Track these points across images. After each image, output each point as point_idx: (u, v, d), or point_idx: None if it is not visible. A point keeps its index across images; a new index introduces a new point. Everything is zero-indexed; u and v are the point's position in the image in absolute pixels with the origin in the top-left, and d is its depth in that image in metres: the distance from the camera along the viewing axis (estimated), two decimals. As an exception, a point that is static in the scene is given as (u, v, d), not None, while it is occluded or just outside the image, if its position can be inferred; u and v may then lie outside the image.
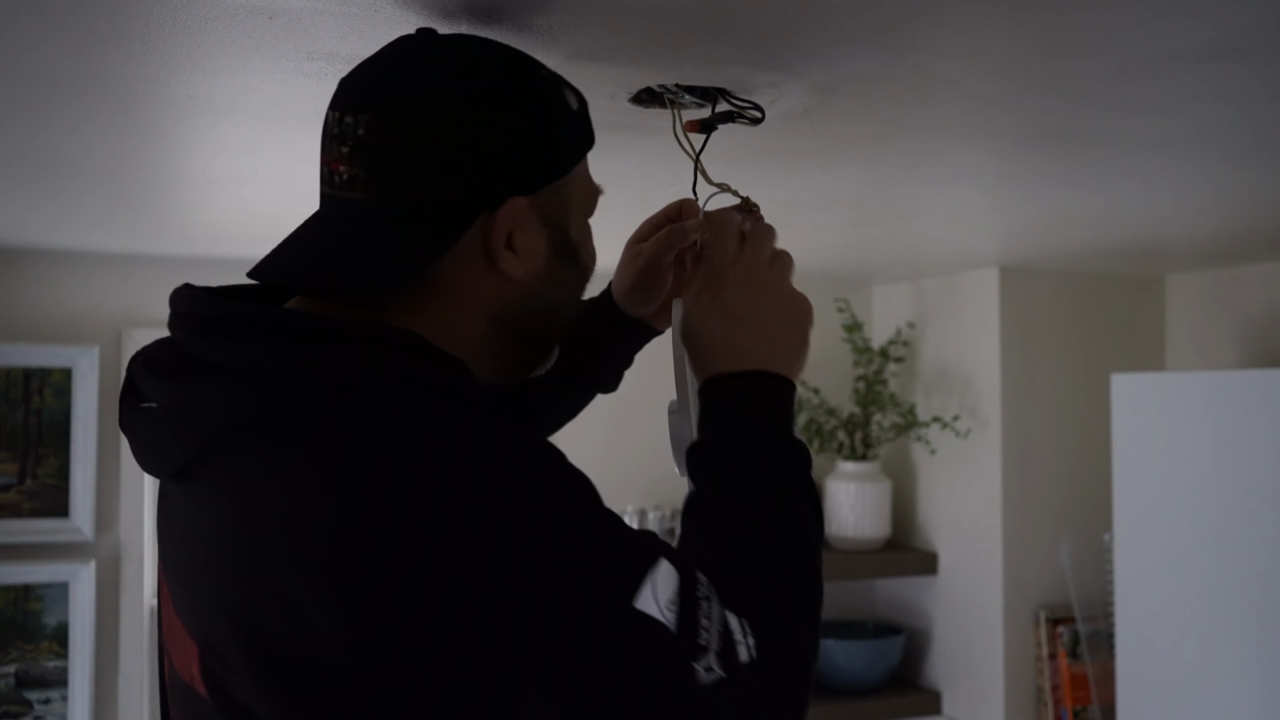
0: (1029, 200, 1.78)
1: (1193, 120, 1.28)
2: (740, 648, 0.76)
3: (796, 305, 0.98)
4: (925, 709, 2.72)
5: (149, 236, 2.19)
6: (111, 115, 1.26)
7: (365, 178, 0.83)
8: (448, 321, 0.86)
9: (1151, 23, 0.96)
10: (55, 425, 2.36)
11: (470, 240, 0.85)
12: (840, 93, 1.15)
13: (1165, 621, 2.14)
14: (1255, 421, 1.99)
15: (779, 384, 0.93)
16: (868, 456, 2.77)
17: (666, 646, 0.74)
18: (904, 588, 2.87)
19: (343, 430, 0.76)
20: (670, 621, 0.74)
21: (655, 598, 0.74)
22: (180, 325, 0.85)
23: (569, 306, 0.97)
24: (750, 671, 0.76)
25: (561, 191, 0.90)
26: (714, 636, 0.75)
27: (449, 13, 0.92)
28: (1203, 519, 2.07)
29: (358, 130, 0.83)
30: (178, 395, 0.81)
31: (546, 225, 0.89)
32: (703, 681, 0.74)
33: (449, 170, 0.83)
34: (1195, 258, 2.48)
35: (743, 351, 0.93)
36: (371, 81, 0.85)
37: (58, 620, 2.36)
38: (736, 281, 0.96)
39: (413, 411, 0.77)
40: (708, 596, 0.77)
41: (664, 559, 0.77)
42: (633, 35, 0.97)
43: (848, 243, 2.27)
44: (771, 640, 0.78)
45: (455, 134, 0.82)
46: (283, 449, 0.77)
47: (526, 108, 0.85)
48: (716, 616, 0.76)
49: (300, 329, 0.80)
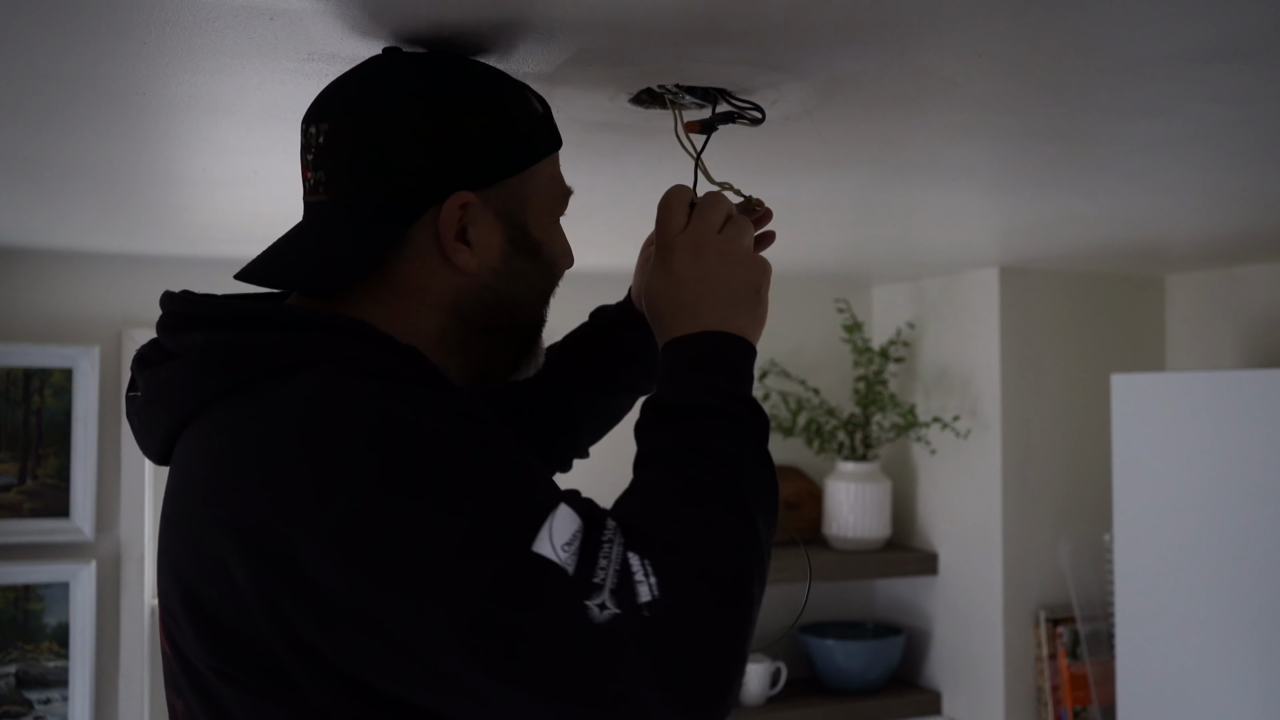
0: (1029, 200, 1.78)
1: (1193, 121, 1.28)
2: (641, 586, 0.78)
3: (746, 264, 0.99)
4: (925, 709, 2.72)
5: (149, 237, 2.19)
6: (112, 116, 1.26)
7: (327, 181, 0.92)
8: (408, 312, 0.93)
9: (1151, 23, 0.96)
10: (55, 425, 2.36)
11: (423, 234, 0.92)
12: (840, 93, 1.15)
13: (1165, 621, 2.14)
14: (1255, 421, 1.99)
15: (730, 341, 0.95)
16: (868, 457, 2.77)
17: (559, 586, 0.76)
18: (904, 588, 2.87)
19: (269, 405, 0.83)
20: (567, 563, 0.77)
21: (551, 541, 0.78)
22: (160, 322, 0.93)
23: (531, 301, 1.00)
24: (652, 610, 0.77)
25: (519, 188, 0.95)
26: (610, 575, 0.78)
27: (447, 12, 0.92)
28: (1203, 519, 2.07)
29: (319, 139, 0.92)
30: (152, 383, 0.91)
31: (502, 220, 0.94)
32: (596, 619, 0.76)
33: (393, 167, 0.90)
34: (1195, 258, 2.48)
35: (693, 314, 0.96)
36: (332, 95, 0.94)
37: (58, 620, 2.36)
38: (683, 248, 0.99)
39: (332, 386, 0.83)
40: (611, 540, 0.80)
41: (563, 504, 0.80)
42: (633, 35, 0.97)
43: (848, 243, 2.27)
44: (676, 582, 0.79)
45: (399, 133, 0.90)
46: (221, 425, 0.85)
47: (471, 107, 0.92)
48: (616, 556, 0.79)
49: (249, 318, 0.88)
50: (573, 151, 1.40)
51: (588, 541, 0.79)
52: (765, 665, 2.64)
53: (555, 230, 1.01)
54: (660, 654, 0.77)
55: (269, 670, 0.82)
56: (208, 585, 0.83)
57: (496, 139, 0.93)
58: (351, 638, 0.78)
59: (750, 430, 0.91)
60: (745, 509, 0.86)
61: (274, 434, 0.82)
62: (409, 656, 0.77)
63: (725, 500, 0.86)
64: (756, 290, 0.99)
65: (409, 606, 0.76)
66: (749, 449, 0.90)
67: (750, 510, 0.86)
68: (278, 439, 0.82)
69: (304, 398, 0.83)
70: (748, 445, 0.90)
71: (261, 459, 0.81)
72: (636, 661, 0.76)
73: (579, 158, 1.44)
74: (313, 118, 0.94)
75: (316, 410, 0.82)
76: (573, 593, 0.77)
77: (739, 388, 0.94)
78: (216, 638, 0.83)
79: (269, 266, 0.93)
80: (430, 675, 0.78)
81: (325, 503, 0.78)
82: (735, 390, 0.93)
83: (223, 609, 0.83)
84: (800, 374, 2.88)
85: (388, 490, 0.78)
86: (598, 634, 0.76)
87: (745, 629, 0.81)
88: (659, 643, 0.77)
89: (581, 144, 1.36)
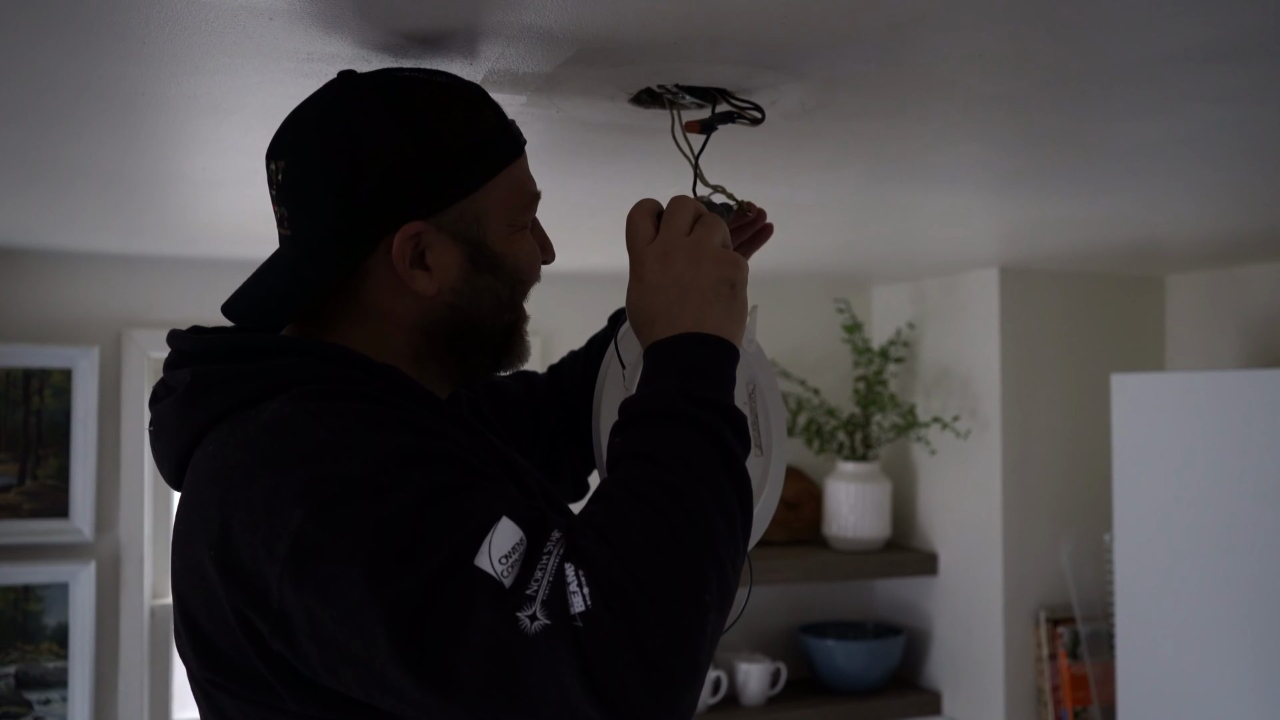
0: (1029, 201, 1.78)
1: (1193, 121, 1.28)
2: (574, 597, 0.78)
3: (717, 261, 0.98)
4: (925, 709, 2.72)
5: (149, 237, 2.19)
6: (112, 116, 1.26)
7: (289, 217, 0.96)
8: (382, 335, 0.98)
9: (1151, 23, 0.96)
10: (55, 426, 2.36)
11: (384, 263, 0.95)
12: (840, 93, 1.15)
13: (1165, 621, 2.14)
14: (1255, 421, 1.99)
15: (701, 341, 0.95)
16: (868, 457, 2.77)
17: (492, 598, 0.78)
18: (904, 588, 2.87)
19: (243, 432, 0.88)
20: (504, 576, 0.79)
21: (490, 555, 0.79)
22: (165, 361, 0.99)
23: (496, 311, 1.01)
24: (585, 620, 0.77)
25: (472, 208, 0.96)
26: (543, 586, 0.78)
27: (446, 12, 0.92)
28: (1203, 519, 2.07)
29: (279, 176, 0.96)
30: (158, 418, 0.97)
31: (459, 241, 0.96)
32: (527, 630, 0.77)
33: (341, 203, 0.93)
34: (1195, 258, 2.48)
35: (668, 319, 0.96)
36: (286, 131, 0.97)
37: (58, 621, 2.36)
38: (653, 257, 0.99)
39: (289, 412, 0.87)
40: (550, 551, 0.80)
41: (506, 518, 0.81)
42: (633, 36, 0.97)
43: (847, 243, 2.27)
44: (609, 592, 0.78)
45: (343, 171, 0.92)
46: (208, 453, 0.90)
47: (417, 139, 0.93)
48: (552, 568, 0.79)
49: (229, 350, 0.94)
50: (573, 151, 1.40)
51: (529, 554, 0.80)
52: (765, 665, 2.64)
53: (519, 237, 1.01)
54: (592, 664, 0.76)
55: (253, 680, 0.86)
56: (197, 601, 0.89)
57: (442, 167, 0.94)
58: (310, 651, 0.82)
59: (707, 432, 0.89)
60: (693, 514, 0.84)
61: (239, 458, 0.87)
62: (361, 668, 0.80)
63: (671, 507, 0.84)
64: (731, 286, 0.98)
65: (352, 621, 0.79)
66: (702, 452, 0.88)
67: (700, 515, 0.84)
68: (241, 463, 0.86)
69: (265, 425, 0.87)
70: (701, 448, 0.88)
71: (230, 484, 0.86)
72: (568, 672, 0.76)
73: (579, 158, 1.44)
74: (271, 154, 0.98)
75: (272, 436, 0.86)
76: (505, 605, 0.78)
77: (701, 389, 0.92)
78: (205, 650, 0.89)
79: (239, 303, 0.99)
80: (381, 687, 0.80)
81: (279, 525, 0.81)
82: (694, 392, 0.91)
83: (209, 623, 0.88)
84: (800, 374, 2.88)
85: (332, 508, 0.81)
86: (528, 644, 0.77)
87: (691, 638, 0.80)
88: (591, 652, 0.76)
89: (581, 144, 1.36)
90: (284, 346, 0.94)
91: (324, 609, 0.80)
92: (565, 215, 1.80)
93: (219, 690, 0.89)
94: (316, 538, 0.80)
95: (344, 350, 0.94)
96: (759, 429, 1.18)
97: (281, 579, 0.81)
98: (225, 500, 0.86)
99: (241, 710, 0.89)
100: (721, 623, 0.84)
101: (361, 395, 0.90)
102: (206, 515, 0.87)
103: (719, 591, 0.83)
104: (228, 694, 0.89)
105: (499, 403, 1.23)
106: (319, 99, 0.97)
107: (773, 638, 2.84)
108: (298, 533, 0.81)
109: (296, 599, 0.81)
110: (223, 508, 0.86)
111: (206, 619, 0.88)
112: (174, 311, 2.39)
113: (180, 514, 0.93)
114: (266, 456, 0.85)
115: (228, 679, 0.88)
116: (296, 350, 0.93)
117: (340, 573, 0.79)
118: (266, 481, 0.84)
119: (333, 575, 0.79)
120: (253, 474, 0.85)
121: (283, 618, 0.82)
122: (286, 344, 0.94)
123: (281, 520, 0.81)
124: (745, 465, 0.91)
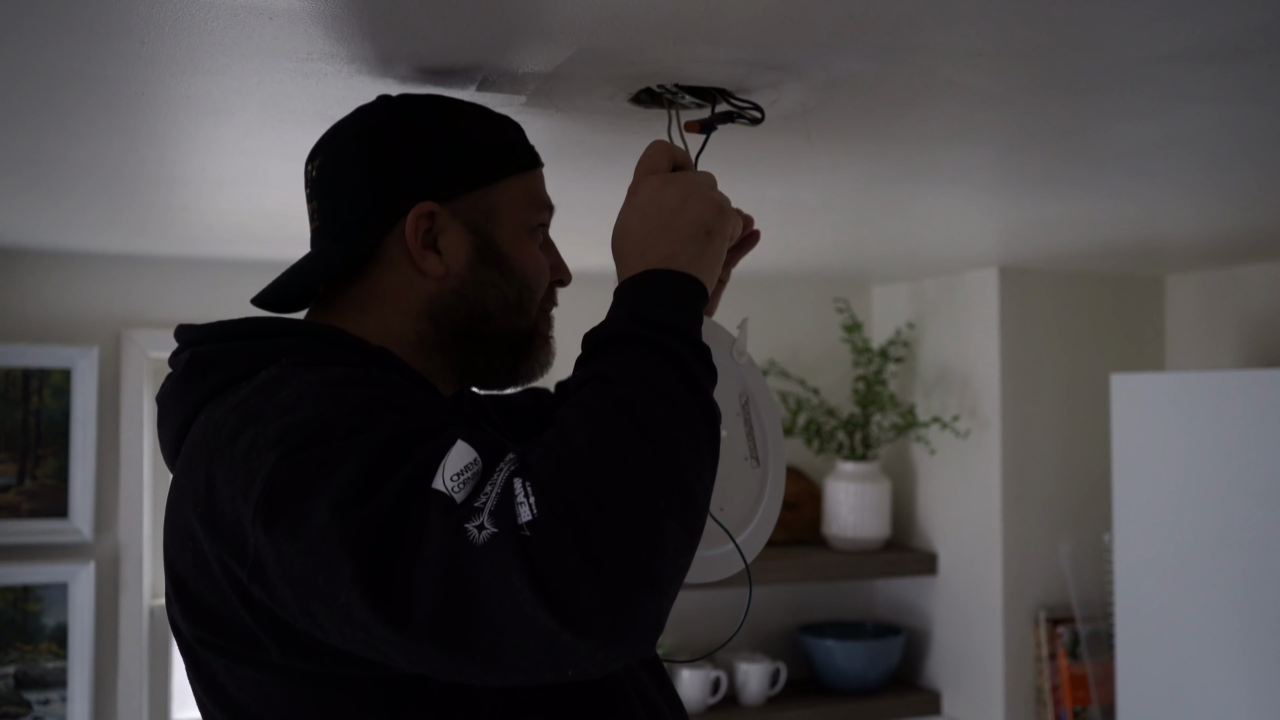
0: (1029, 201, 1.78)
1: (1193, 121, 1.28)
2: (521, 507, 0.79)
3: (704, 202, 1.01)
4: (925, 709, 2.72)
5: (149, 237, 2.19)
6: (112, 116, 1.26)
7: (318, 209, 1.04)
8: (387, 319, 1.02)
9: (1151, 23, 0.96)
10: (54, 426, 2.36)
11: (398, 246, 1.01)
12: (840, 93, 1.15)
13: (1165, 621, 2.14)
14: (1255, 421, 1.99)
15: (667, 276, 0.96)
16: (867, 457, 2.77)
17: (443, 513, 0.79)
18: (904, 588, 2.87)
19: (234, 398, 0.91)
20: (456, 491, 0.80)
21: (443, 475, 0.81)
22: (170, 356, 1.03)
23: (503, 311, 1.04)
24: (532, 528, 0.78)
25: (484, 201, 1.03)
26: (491, 498, 0.80)
27: (446, 12, 0.92)
28: (1202, 519, 2.07)
29: (313, 173, 1.05)
30: (159, 401, 1.01)
31: (470, 230, 1.02)
32: (475, 540, 0.78)
33: (357, 184, 1.01)
34: (1195, 258, 2.48)
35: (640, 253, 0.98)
36: (324, 136, 1.06)
37: (57, 621, 2.35)
38: (652, 184, 1.02)
39: (274, 375, 0.91)
40: (502, 469, 0.82)
41: (461, 441, 0.83)
42: (633, 35, 0.97)
43: (847, 243, 2.27)
44: (555, 502, 0.79)
45: (362, 154, 1.01)
46: (200, 421, 0.94)
47: (432, 127, 1.02)
48: (501, 481, 0.81)
49: (226, 332, 0.98)
50: (573, 151, 1.40)
51: (483, 474, 0.82)
52: (765, 665, 2.64)
53: (528, 244, 1.05)
54: (541, 569, 0.77)
55: (240, 636, 0.88)
56: (186, 563, 0.92)
57: (457, 155, 1.01)
58: (285, 594, 0.83)
59: (661, 350, 0.90)
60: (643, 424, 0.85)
61: (226, 419, 0.90)
62: (329, 603, 0.80)
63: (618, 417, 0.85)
64: (707, 232, 0.99)
65: (317, 553, 0.80)
66: (655, 367, 0.89)
67: (652, 424, 0.85)
68: (227, 423, 0.89)
69: (252, 388, 0.91)
70: (655, 364, 0.89)
71: (216, 444, 0.89)
72: (518, 579, 0.76)
73: (579, 157, 1.44)
74: (310, 157, 1.06)
75: (257, 395, 0.90)
76: (453, 516, 0.79)
77: (657, 314, 0.92)
78: (194, 608, 0.91)
79: (268, 292, 1.05)
80: (349, 622, 0.80)
81: (254, 472, 0.84)
82: (650, 316, 0.92)
83: (196, 581, 0.90)
84: (800, 374, 2.88)
85: (304, 449, 0.83)
86: (476, 554, 0.77)
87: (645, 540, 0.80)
88: (539, 558, 0.77)
89: (581, 144, 1.36)
90: (281, 327, 0.98)
91: (291, 545, 0.81)
92: (565, 215, 1.79)
93: (206, 648, 0.91)
94: (287, 478, 0.82)
95: (339, 331, 0.99)
96: (753, 440, 1.18)
97: (254, 522, 0.83)
98: (211, 459, 0.88)
99: (229, 669, 0.91)
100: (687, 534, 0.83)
101: (351, 366, 0.93)
102: (195, 477, 0.90)
103: (679, 499, 0.83)
104: (215, 651, 0.91)
105: (505, 411, 1.24)
106: (358, 110, 1.06)
107: (772, 638, 2.84)
108: (269, 474, 0.83)
109: (268, 540, 0.82)
110: (209, 465, 0.88)
111: (195, 579, 0.90)
112: (173, 311, 2.39)
113: (173, 484, 0.96)
114: (250, 414, 0.88)
115: (215, 634, 0.90)
116: (292, 330, 0.98)
117: (308, 508, 0.81)
118: (248, 435, 0.86)
119: (301, 512, 0.81)
120: (237, 431, 0.87)
121: (258, 563, 0.83)
122: (283, 324, 0.98)
123: (256, 466, 0.84)
124: (709, 387, 0.92)
